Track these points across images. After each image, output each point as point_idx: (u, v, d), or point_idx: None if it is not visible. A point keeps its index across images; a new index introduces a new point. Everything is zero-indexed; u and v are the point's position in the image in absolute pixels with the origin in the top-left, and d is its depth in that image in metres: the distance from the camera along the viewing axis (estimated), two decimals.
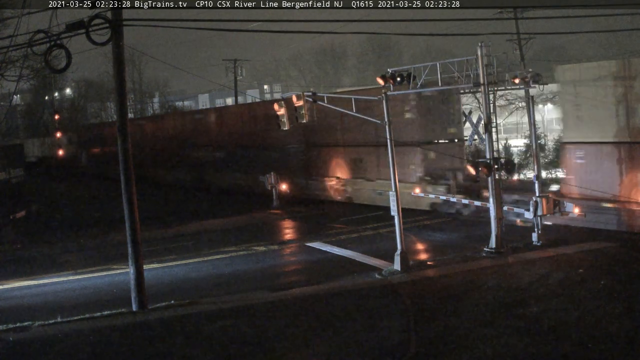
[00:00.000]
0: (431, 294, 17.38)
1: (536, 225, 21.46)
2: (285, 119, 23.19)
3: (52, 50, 16.47)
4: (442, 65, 21.18)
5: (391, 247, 20.77)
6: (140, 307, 17.31)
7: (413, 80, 21.03)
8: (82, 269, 23.48)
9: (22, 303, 19.57)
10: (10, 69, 29.63)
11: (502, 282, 17.60)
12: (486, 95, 20.52)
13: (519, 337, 13.53)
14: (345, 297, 17.36)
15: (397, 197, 20.01)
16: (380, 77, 20.53)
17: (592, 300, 15.47)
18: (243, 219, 32.13)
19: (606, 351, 12.66)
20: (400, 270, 19.58)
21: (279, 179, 34.77)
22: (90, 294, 20.14)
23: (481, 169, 20.55)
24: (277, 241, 26.42)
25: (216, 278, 21.20)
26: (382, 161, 30.04)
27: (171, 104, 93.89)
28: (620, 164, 22.35)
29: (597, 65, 24.47)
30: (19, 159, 41.19)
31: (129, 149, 17.52)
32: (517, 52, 49.79)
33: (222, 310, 16.84)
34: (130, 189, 17.51)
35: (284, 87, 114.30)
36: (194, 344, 14.50)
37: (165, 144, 51.99)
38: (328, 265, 21.53)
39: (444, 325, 14.66)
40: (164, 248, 25.83)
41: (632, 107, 22.04)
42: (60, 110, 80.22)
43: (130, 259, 17.53)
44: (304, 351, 13.82)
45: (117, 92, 17.83)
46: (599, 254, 19.88)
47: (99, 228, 31.53)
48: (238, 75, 66.63)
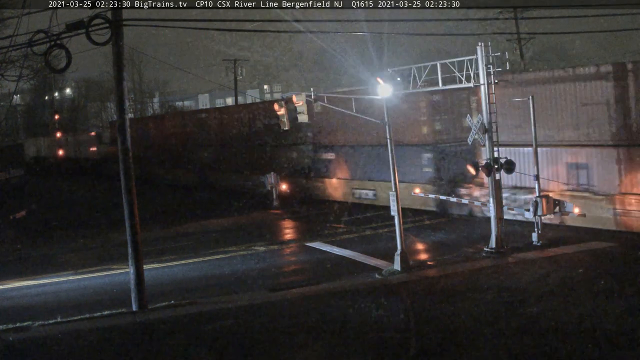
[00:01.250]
0: (431, 294, 17.37)
1: (536, 225, 21.48)
2: (285, 119, 23.21)
3: (52, 50, 16.48)
4: (442, 65, 21.18)
5: (391, 247, 20.78)
6: (140, 307, 17.31)
7: (413, 80, 21.04)
8: (82, 269, 23.48)
9: (22, 303, 19.57)
10: (10, 69, 29.68)
11: (502, 282, 17.60)
12: (486, 95, 20.54)
13: (519, 337, 13.53)
14: (345, 297, 17.35)
15: (397, 197, 20.01)
16: (380, 77, 20.54)
17: (592, 300, 15.47)
18: (243, 219, 32.13)
19: (606, 351, 12.65)
20: (400, 270, 19.58)
21: (279, 178, 34.76)
22: (90, 294, 20.14)
23: (481, 169, 20.57)
24: (277, 241, 26.42)
25: (216, 278, 21.20)
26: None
27: (171, 104, 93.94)
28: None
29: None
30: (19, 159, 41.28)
31: (129, 148, 17.52)
32: (517, 52, 49.83)
33: (222, 310, 16.84)
34: (130, 189, 17.51)
35: (284, 87, 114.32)
36: (194, 344, 14.50)
37: (174, 143, 51.44)
38: (328, 265, 21.53)
39: (444, 325, 14.65)
40: (164, 248, 25.83)
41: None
42: (60, 110, 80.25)
43: (130, 259, 17.53)
44: (304, 351, 13.81)
45: (117, 92, 17.83)
46: (599, 254, 19.89)
47: (99, 228, 31.54)
48: (238, 75, 66.62)
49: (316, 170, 36.13)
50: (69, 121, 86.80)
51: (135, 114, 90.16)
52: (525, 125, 22.86)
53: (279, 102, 23.46)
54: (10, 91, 45.98)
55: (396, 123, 22.43)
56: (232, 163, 42.77)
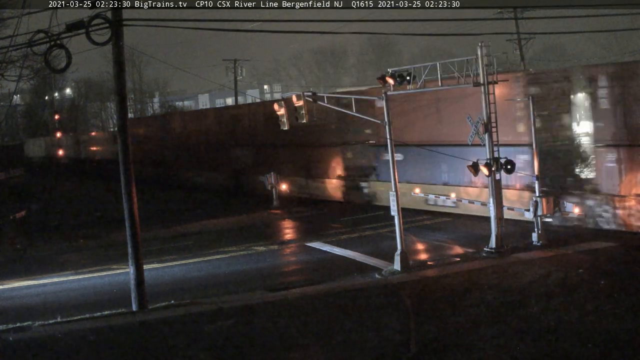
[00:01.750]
0: (431, 294, 17.37)
1: (536, 225, 21.47)
2: (285, 118, 23.23)
3: (52, 50, 16.49)
4: (442, 65, 21.19)
5: (391, 247, 20.78)
6: (140, 307, 17.30)
7: (413, 80, 21.03)
8: (82, 269, 23.49)
9: (22, 303, 19.58)
10: (10, 69, 29.69)
11: (502, 282, 17.59)
12: (486, 95, 20.53)
13: (519, 337, 13.52)
14: (345, 297, 17.35)
15: (397, 197, 20.01)
16: (380, 77, 20.55)
17: (592, 300, 15.46)
18: (243, 219, 32.13)
19: (606, 351, 12.65)
20: (400, 270, 19.58)
21: (279, 178, 34.74)
22: (90, 294, 20.14)
23: (481, 169, 20.55)
24: (277, 241, 26.42)
25: (216, 278, 21.20)
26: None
27: (171, 104, 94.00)
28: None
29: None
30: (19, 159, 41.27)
31: (129, 148, 17.52)
32: (517, 52, 49.85)
33: (222, 310, 16.82)
34: (130, 189, 17.51)
35: (284, 87, 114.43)
36: (194, 344, 14.49)
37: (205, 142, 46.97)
38: (328, 265, 21.53)
39: (444, 325, 14.65)
40: (164, 248, 25.83)
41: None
42: (60, 110, 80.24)
43: (130, 258, 17.53)
44: (304, 351, 13.80)
45: (117, 92, 17.83)
46: (599, 254, 19.88)
47: (100, 228, 31.54)
48: (238, 75, 66.65)
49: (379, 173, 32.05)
50: (69, 121, 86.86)
51: (135, 114, 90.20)
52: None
53: (279, 102, 23.51)
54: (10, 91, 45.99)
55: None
56: (273, 167, 37.62)
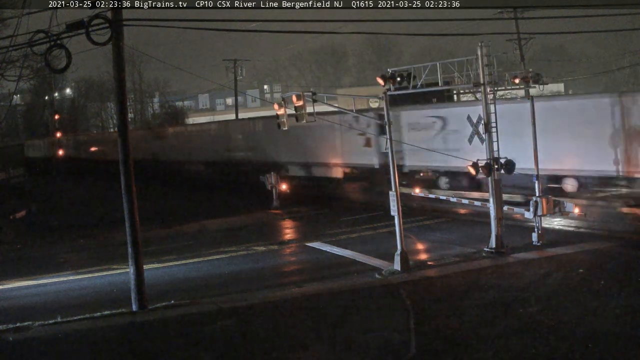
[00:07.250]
0: (431, 294, 17.37)
1: (536, 225, 21.47)
2: (285, 118, 23.22)
3: (52, 50, 16.47)
4: (442, 65, 21.19)
5: (391, 247, 20.77)
6: (140, 307, 17.29)
7: (413, 80, 21.04)
8: (82, 269, 23.47)
9: (22, 303, 19.56)
10: (10, 69, 29.72)
11: (502, 282, 17.60)
12: (486, 95, 20.54)
13: (519, 337, 13.53)
14: (345, 297, 17.35)
15: (397, 197, 20.01)
16: (380, 77, 20.54)
17: (592, 300, 15.47)
18: (243, 219, 32.11)
19: (606, 351, 12.65)
20: (400, 270, 19.57)
21: (279, 178, 34.74)
22: (90, 294, 20.13)
23: (481, 169, 20.56)
24: (277, 241, 26.41)
25: (216, 278, 21.19)
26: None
27: (171, 104, 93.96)
28: None
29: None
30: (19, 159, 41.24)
31: (129, 148, 17.51)
32: (517, 52, 49.82)
33: (222, 310, 16.81)
34: (130, 189, 17.50)
35: (284, 87, 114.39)
36: (194, 344, 14.49)
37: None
38: (328, 265, 21.53)
39: (444, 325, 14.65)
40: (163, 248, 25.82)
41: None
42: (60, 110, 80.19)
43: (130, 259, 17.52)
44: (304, 351, 13.80)
45: (117, 92, 17.81)
46: (599, 254, 19.88)
47: (99, 228, 31.52)
48: (238, 75, 66.66)
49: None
50: (69, 121, 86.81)
51: (135, 114, 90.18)
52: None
53: (279, 102, 23.49)
54: (10, 91, 45.97)
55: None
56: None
